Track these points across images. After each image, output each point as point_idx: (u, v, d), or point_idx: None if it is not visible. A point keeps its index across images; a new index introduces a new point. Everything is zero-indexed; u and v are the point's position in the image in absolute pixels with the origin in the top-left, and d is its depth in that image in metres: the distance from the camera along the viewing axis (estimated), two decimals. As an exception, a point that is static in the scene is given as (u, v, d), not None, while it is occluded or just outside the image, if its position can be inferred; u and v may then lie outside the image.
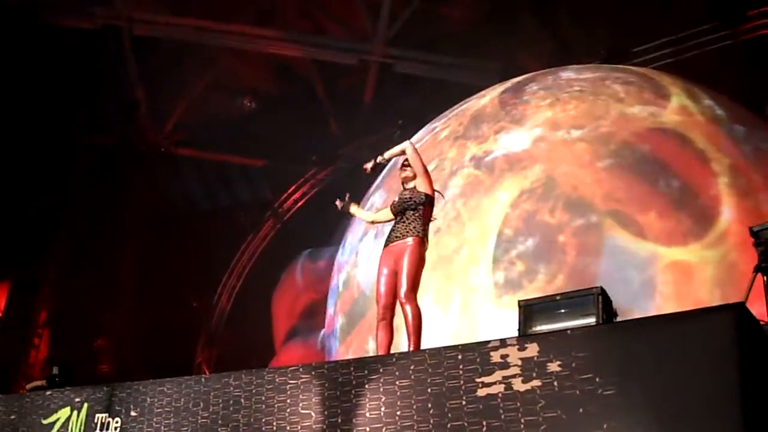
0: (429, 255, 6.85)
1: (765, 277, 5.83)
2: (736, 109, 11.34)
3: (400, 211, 6.93)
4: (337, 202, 7.42)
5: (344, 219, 14.70)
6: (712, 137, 10.36)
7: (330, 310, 13.21)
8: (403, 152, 7.10)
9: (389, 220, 7.15)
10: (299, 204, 17.29)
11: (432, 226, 7.05)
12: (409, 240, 6.67)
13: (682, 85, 11.48)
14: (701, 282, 6.22)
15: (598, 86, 11.55)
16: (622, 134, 10.36)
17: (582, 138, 10.45)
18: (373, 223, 7.66)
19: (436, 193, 7.07)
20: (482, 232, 10.12)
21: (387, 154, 7.18)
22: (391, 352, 6.40)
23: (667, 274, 8.99)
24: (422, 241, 6.71)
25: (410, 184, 7.06)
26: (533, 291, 9.29)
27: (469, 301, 9.83)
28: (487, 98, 12.42)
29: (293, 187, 17.33)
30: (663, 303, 8.70)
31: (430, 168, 7.30)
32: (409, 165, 7.15)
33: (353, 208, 7.45)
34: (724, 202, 9.57)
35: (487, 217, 10.20)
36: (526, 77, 12.51)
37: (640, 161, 10.04)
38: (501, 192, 10.34)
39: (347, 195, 7.43)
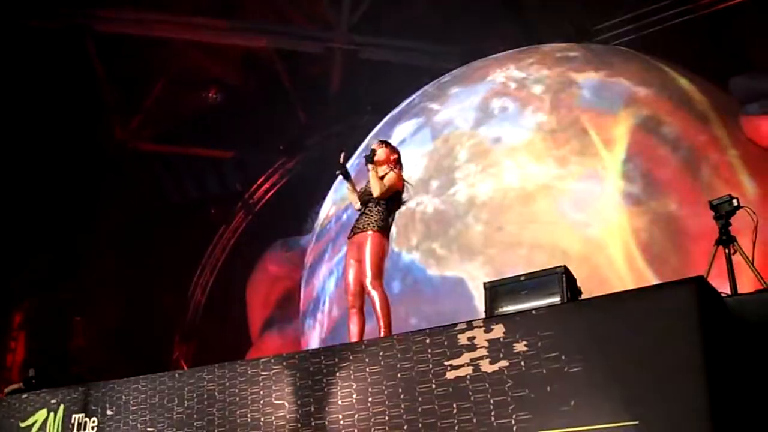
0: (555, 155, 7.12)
1: (726, 250, 5.90)
2: (706, 84, 11.73)
3: (363, 202, 7.08)
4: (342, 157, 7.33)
5: (316, 207, 14.72)
6: (722, 118, 11.21)
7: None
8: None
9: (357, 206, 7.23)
10: (269, 194, 17.23)
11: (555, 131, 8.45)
12: (369, 232, 6.81)
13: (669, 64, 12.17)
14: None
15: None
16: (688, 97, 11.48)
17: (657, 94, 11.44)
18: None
19: (405, 185, 7.23)
20: (607, 144, 10.79)
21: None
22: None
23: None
24: (381, 234, 6.84)
25: None
26: (654, 208, 10.11)
27: (598, 202, 10.49)
28: (562, 48, 13.03)
29: (263, 178, 17.27)
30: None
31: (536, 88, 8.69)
32: (380, 147, 7.28)
33: (348, 182, 7.33)
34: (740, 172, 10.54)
35: (610, 132, 10.86)
36: (581, 45, 13.15)
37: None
38: (620, 116, 11.06)
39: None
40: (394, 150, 7.36)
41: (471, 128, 11.90)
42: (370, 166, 7.05)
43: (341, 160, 7.28)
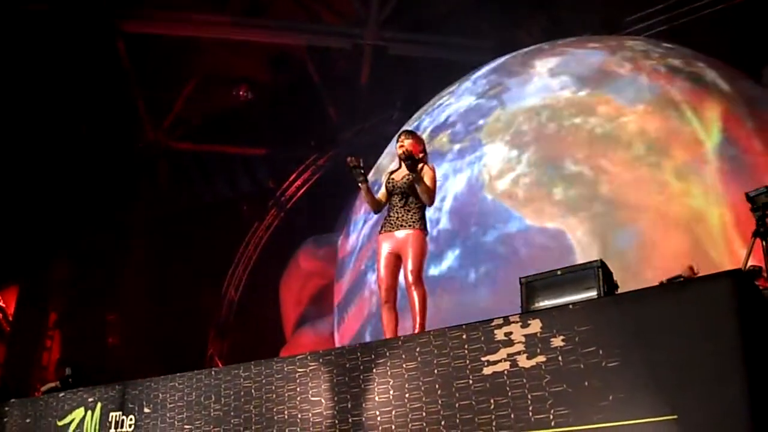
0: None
1: (764, 242, 5.85)
2: (733, 73, 11.71)
3: (399, 193, 6.66)
4: (350, 160, 6.62)
5: (347, 203, 14.72)
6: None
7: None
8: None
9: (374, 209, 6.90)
10: (301, 191, 17.28)
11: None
12: (412, 231, 6.49)
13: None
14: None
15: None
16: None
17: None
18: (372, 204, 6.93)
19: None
20: (703, 123, 11.00)
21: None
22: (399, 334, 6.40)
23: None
24: (424, 233, 6.58)
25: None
26: (754, 182, 9.94)
27: (699, 174, 10.64)
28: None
29: (294, 175, 17.32)
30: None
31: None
32: (407, 139, 6.78)
33: (364, 183, 6.69)
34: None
35: (705, 112, 11.08)
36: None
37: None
38: (709, 98, 11.34)
39: (361, 162, 6.68)
40: (420, 140, 6.92)
41: (629, 72, 11.95)
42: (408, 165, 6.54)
43: (356, 163, 6.62)
